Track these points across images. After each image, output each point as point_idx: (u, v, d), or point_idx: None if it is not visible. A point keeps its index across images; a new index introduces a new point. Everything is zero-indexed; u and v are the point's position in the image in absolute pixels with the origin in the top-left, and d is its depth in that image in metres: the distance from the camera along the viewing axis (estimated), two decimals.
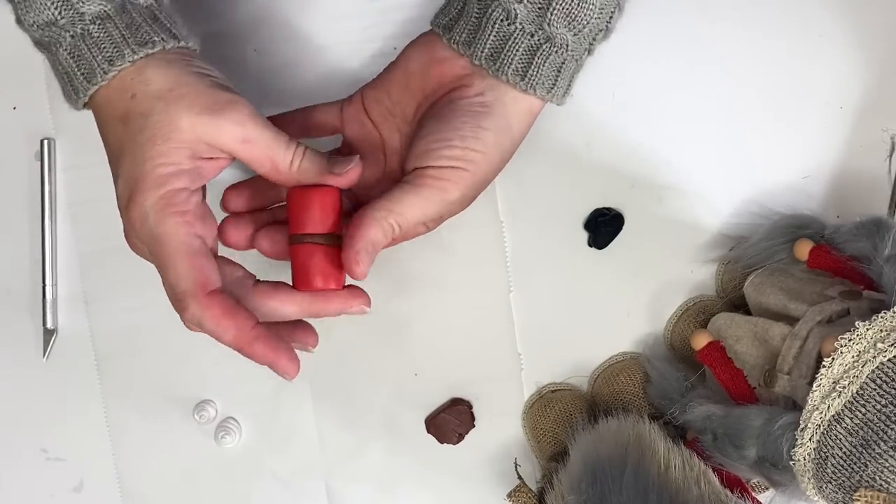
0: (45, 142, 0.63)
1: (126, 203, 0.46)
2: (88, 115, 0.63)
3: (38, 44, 0.49)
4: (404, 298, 0.64)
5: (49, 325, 0.64)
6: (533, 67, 0.51)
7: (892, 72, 0.62)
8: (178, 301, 0.46)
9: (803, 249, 0.56)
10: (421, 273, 0.63)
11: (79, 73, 0.46)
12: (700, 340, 0.57)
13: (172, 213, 0.45)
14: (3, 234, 0.65)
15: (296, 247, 0.51)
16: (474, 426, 0.64)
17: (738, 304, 0.60)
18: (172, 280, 0.46)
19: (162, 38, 0.47)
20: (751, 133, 0.62)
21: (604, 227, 0.62)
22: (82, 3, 0.45)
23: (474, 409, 0.64)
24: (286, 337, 0.50)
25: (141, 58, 0.46)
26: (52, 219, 0.64)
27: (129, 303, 0.65)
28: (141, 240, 0.47)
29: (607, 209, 0.62)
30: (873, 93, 0.61)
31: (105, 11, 0.46)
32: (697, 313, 0.62)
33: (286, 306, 0.50)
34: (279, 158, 0.48)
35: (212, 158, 0.47)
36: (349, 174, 0.49)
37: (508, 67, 0.51)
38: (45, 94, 0.63)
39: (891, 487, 0.44)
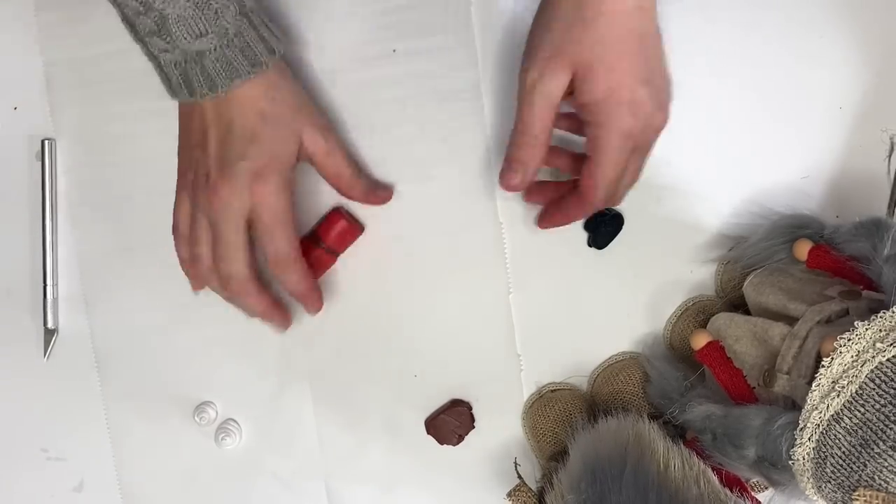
0: (46, 142, 0.63)
1: (251, 178, 0.55)
2: (90, 116, 0.64)
3: (166, 51, 0.54)
4: (404, 299, 0.64)
5: (50, 325, 0.64)
6: None
7: (891, 72, 0.62)
8: (284, 260, 0.58)
9: (802, 249, 0.56)
10: (421, 274, 0.64)
11: (223, 73, 0.54)
12: (699, 340, 0.57)
13: (291, 194, 0.57)
14: (4, 234, 0.65)
15: (308, 244, 0.63)
16: (474, 427, 0.64)
17: (738, 304, 0.60)
18: (284, 244, 0.57)
19: (279, 46, 0.56)
20: (750, 133, 0.62)
21: (604, 227, 0.62)
22: (223, 19, 0.53)
23: (474, 411, 0.64)
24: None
25: (273, 65, 0.56)
26: (52, 219, 0.64)
27: (130, 304, 0.65)
28: (255, 209, 0.56)
29: (607, 209, 0.62)
30: (872, 93, 0.62)
31: (240, 26, 0.54)
32: (697, 313, 0.62)
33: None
34: (344, 173, 0.60)
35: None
36: (382, 197, 0.63)
37: None
38: (46, 95, 0.63)
39: (890, 487, 0.44)
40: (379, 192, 0.63)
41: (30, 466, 0.66)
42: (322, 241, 0.62)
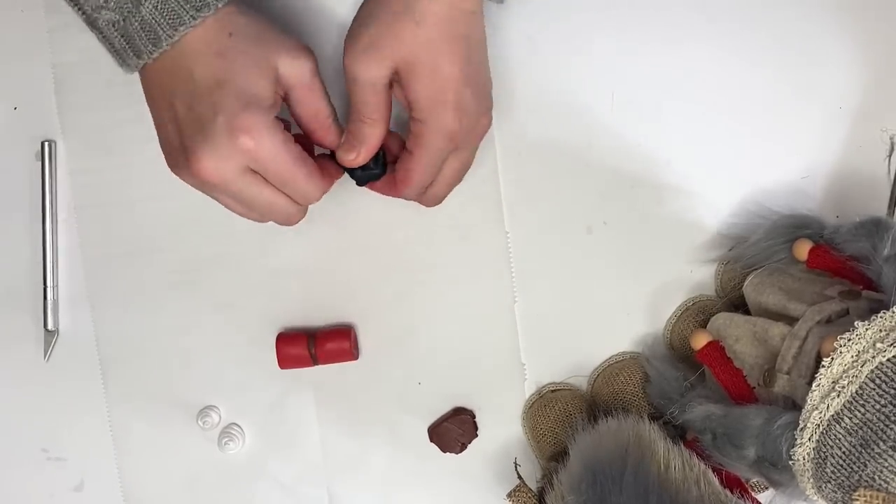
0: (46, 144, 0.63)
1: (233, 133, 0.50)
2: (96, 118, 0.63)
3: (102, 7, 0.51)
4: (409, 307, 0.64)
5: (50, 326, 0.64)
6: None
7: (891, 72, 0.62)
8: (312, 195, 0.54)
9: (802, 249, 0.56)
10: (426, 282, 0.64)
11: (164, 23, 0.50)
12: (699, 340, 0.57)
13: (282, 131, 0.52)
14: (4, 234, 0.65)
15: (300, 338, 0.63)
16: (477, 436, 0.64)
17: (738, 304, 0.60)
18: (305, 186, 0.53)
19: None
20: (750, 133, 0.62)
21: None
22: None
23: (477, 419, 0.64)
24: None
25: (223, 6, 0.51)
26: (52, 221, 0.64)
27: (134, 307, 0.65)
28: (255, 165, 0.51)
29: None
30: (872, 93, 0.62)
31: None
32: (697, 313, 0.62)
33: None
34: (322, 113, 0.55)
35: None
36: (352, 147, 0.56)
37: None
38: (49, 97, 0.63)
39: (890, 487, 0.44)
40: (344, 147, 0.57)
41: (30, 466, 0.66)
42: (313, 345, 0.62)
